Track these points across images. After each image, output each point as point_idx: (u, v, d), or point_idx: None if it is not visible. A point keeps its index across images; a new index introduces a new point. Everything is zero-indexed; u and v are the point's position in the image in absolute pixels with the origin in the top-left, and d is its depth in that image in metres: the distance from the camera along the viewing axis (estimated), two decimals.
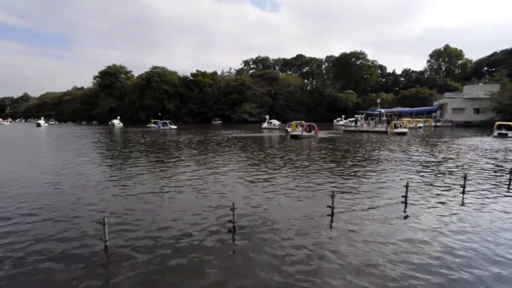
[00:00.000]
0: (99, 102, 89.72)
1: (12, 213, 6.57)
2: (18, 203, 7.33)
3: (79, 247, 4.94)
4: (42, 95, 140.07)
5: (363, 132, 35.41)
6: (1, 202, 7.44)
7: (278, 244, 5.07)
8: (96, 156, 16.57)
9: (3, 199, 7.65)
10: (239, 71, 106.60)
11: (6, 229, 5.69)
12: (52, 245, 5.00)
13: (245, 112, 73.14)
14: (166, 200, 7.68)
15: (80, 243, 5.10)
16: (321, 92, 79.51)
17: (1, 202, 7.44)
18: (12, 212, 6.64)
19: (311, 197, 7.81)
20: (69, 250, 4.85)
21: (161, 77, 79.93)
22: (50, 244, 5.06)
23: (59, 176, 10.64)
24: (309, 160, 14.07)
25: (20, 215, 6.47)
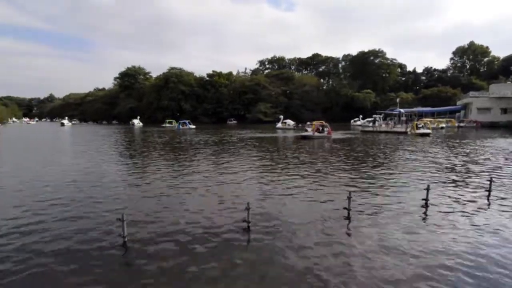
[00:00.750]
0: (119, 102, 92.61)
1: (36, 208, 6.86)
2: (41, 198, 7.66)
3: (99, 242, 5.09)
4: (66, 96, 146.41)
5: (381, 132, 34.44)
6: (29, 197, 7.81)
7: (292, 245, 5.00)
8: (117, 154, 17.10)
9: (31, 195, 8.03)
10: (255, 71, 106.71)
11: (30, 226, 5.95)
12: (72, 240, 5.17)
13: (260, 112, 73.14)
14: (182, 198, 7.77)
15: (100, 238, 5.25)
16: (338, 92, 78.16)
17: (29, 197, 7.81)
18: (36, 207, 6.93)
19: (327, 199, 7.64)
20: (88, 245, 4.99)
21: (178, 78, 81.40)
22: (71, 238, 5.23)
23: (81, 172, 11.04)
24: (325, 161, 13.83)
25: (43, 209, 6.75)
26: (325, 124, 28.76)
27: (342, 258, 4.59)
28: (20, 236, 5.34)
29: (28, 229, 5.67)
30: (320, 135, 27.11)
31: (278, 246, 4.98)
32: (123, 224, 4.91)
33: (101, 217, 6.30)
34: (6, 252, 4.73)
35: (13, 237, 5.30)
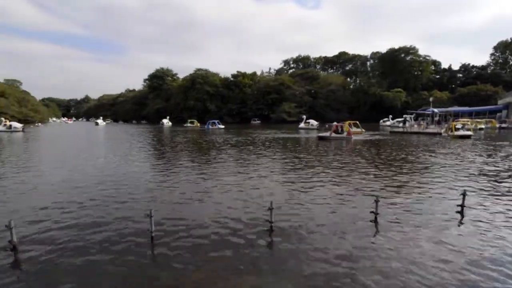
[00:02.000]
0: (148, 103, 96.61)
1: (68, 203, 7.22)
2: (75, 194, 8.08)
3: (128, 236, 5.27)
4: (100, 97, 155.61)
5: (412, 133, 32.54)
6: (64, 193, 8.28)
7: (315, 247, 4.83)
8: (148, 152, 17.75)
9: (66, 190, 8.50)
10: (279, 71, 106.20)
11: (64, 221, 6.26)
12: (103, 233, 5.37)
13: (284, 112, 72.59)
14: (206, 197, 7.84)
15: (128, 233, 5.44)
16: (366, 91, 75.31)
17: (64, 193, 8.28)
18: (69, 203, 7.29)
19: (353, 202, 7.29)
20: (118, 239, 5.17)
21: (204, 79, 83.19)
22: (103, 231, 5.43)
23: (113, 169, 11.58)
24: (351, 163, 13.28)
25: (75, 204, 7.08)
26: (349, 124, 27.42)
27: (367, 262, 4.32)
28: (57, 225, 5.65)
29: (64, 220, 5.98)
30: (338, 136, 25.69)
31: (301, 248, 4.84)
32: (151, 220, 5.06)
33: (130, 213, 6.51)
34: (46, 240, 5.00)
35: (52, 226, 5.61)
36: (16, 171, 11.54)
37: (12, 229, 4.74)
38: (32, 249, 4.83)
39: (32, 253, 4.70)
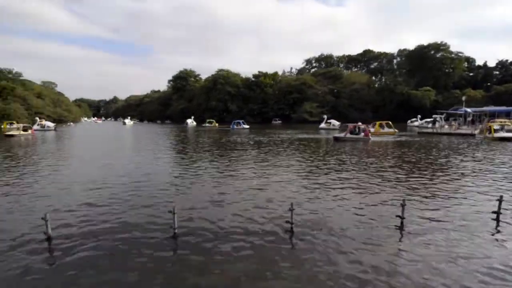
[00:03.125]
0: (172, 103, 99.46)
1: (97, 199, 7.60)
2: (104, 190, 8.49)
3: (152, 232, 5.46)
4: (127, 98, 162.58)
5: (442, 134, 30.81)
6: (93, 189, 8.72)
7: (337, 250, 4.72)
8: (172, 151, 18.28)
9: (95, 187, 8.96)
10: (301, 70, 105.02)
11: (93, 215, 6.61)
12: (128, 229, 5.59)
13: (305, 112, 71.55)
14: (228, 196, 7.91)
15: (152, 228, 5.63)
16: (392, 89, 72.44)
17: (93, 189, 8.73)
18: (98, 198, 7.68)
19: (377, 206, 7.03)
20: (142, 234, 5.36)
21: (225, 79, 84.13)
22: (127, 226, 5.67)
23: (140, 166, 12.07)
24: (374, 165, 12.83)
25: (104, 199, 7.45)
26: (362, 126, 25.84)
27: (390, 268, 4.15)
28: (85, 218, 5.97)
29: (93, 214, 6.33)
30: (354, 137, 24.45)
31: (321, 250, 4.75)
32: (174, 217, 5.21)
33: (155, 209, 6.74)
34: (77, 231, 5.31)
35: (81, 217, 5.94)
36: (50, 167, 12.34)
37: (48, 221, 5.08)
38: (64, 240, 5.13)
39: (64, 244, 5.00)
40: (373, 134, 30.80)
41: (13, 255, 4.63)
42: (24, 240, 5.13)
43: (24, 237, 5.27)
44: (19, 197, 7.87)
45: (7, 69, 75.65)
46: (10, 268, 4.25)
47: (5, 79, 68.81)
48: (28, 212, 6.64)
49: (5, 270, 4.22)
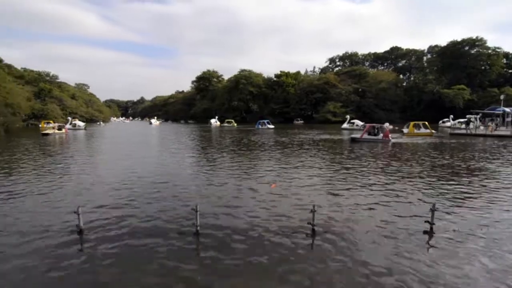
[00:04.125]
0: (195, 103, 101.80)
1: (125, 195, 7.86)
2: (131, 187, 8.77)
3: (174, 229, 5.53)
4: (153, 98, 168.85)
5: (477, 136, 28.76)
6: (121, 186, 9.04)
7: (359, 255, 4.49)
8: (196, 150, 18.64)
9: (123, 184, 9.29)
10: (324, 69, 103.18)
11: (121, 210, 6.83)
12: (154, 225, 5.73)
13: (328, 112, 69.98)
14: (249, 196, 7.87)
15: (174, 226, 5.72)
16: (421, 88, 69.09)
17: (121, 186, 9.05)
18: (125, 195, 7.93)
19: (403, 210, 6.64)
20: (165, 231, 5.44)
21: (247, 80, 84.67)
22: (151, 222, 5.80)
23: (164, 165, 12.38)
24: (400, 167, 12.21)
25: (131, 196, 7.67)
26: (381, 126, 24.44)
27: (416, 277, 3.86)
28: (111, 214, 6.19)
29: (121, 208, 6.53)
30: (372, 138, 23.03)
31: (343, 253, 4.56)
32: (196, 215, 5.28)
33: (177, 207, 6.84)
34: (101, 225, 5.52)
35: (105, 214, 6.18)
36: (81, 164, 13.01)
37: (80, 215, 5.31)
38: (95, 233, 5.32)
39: (95, 237, 5.19)
40: (407, 135, 29.37)
41: (47, 246, 4.86)
42: (57, 232, 5.38)
43: (57, 229, 5.53)
44: (52, 191, 8.31)
45: (45, 72, 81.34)
46: (44, 258, 4.46)
47: (43, 81, 74.04)
48: (60, 205, 6.98)
49: (40, 260, 4.42)
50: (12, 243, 4.97)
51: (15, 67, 70.12)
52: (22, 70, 73.92)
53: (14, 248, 4.81)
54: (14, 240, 5.09)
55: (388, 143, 21.69)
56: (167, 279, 3.96)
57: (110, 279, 3.95)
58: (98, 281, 3.94)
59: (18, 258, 4.46)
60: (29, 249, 4.77)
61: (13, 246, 4.86)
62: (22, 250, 4.73)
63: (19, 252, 4.65)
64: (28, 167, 12.02)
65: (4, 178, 9.97)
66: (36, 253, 4.65)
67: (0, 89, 44.87)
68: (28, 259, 4.44)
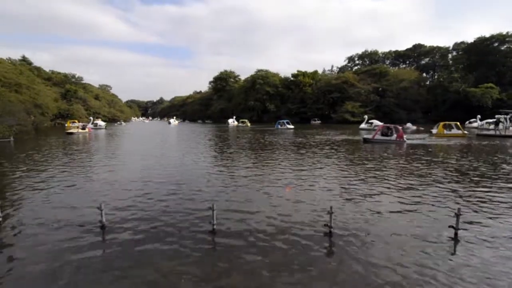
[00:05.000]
0: (212, 103, 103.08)
1: (144, 192, 8.07)
2: (151, 184, 9.00)
3: (191, 226, 5.64)
4: (172, 99, 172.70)
5: (506, 137, 27.08)
6: (140, 183, 9.30)
7: (378, 259, 4.35)
8: (214, 150, 18.87)
9: (143, 181, 9.57)
10: (342, 68, 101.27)
11: (141, 206, 7.03)
12: (173, 221, 5.86)
13: (346, 112, 68.50)
14: (266, 196, 7.85)
15: (192, 223, 5.82)
16: (446, 87, 65.99)
17: (140, 183, 9.31)
18: (145, 192, 8.14)
19: (426, 214, 6.37)
20: (182, 228, 5.55)
21: (264, 79, 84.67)
22: (170, 220, 5.93)
23: (183, 164, 12.63)
24: (421, 169, 11.73)
25: (150, 193, 7.88)
26: (395, 127, 23.16)
27: (438, 286, 3.67)
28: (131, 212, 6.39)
29: (140, 205, 6.74)
30: (385, 139, 22.10)
31: (361, 258, 4.43)
32: (213, 213, 5.36)
33: (193, 204, 6.96)
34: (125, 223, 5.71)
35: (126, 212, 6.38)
36: (102, 161, 13.52)
37: (102, 211, 5.51)
38: (116, 228, 5.53)
39: (117, 232, 5.39)
40: (436, 136, 28.09)
41: (72, 240, 5.09)
42: (81, 227, 5.62)
43: (80, 224, 5.78)
44: (77, 188, 8.70)
45: (71, 74, 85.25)
46: (69, 251, 4.67)
47: (69, 83, 77.65)
48: (83, 201, 7.28)
49: (65, 252, 4.64)
50: (41, 235, 5.26)
51: (43, 70, 74.10)
52: (50, 72, 77.91)
53: (42, 240, 5.08)
54: (42, 232, 5.38)
55: (403, 145, 20.77)
56: (182, 273, 4.02)
57: (128, 270, 4.09)
58: (117, 270, 4.12)
59: (45, 249, 4.72)
60: (57, 240, 5.03)
61: (41, 238, 5.14)
62: (50, 241, 4.99)
63: (47, 243, 4.91)
64: (54, 164, 12.64)
65: (35, 175, 10.54)
66: (63, 244, 4.89)
67: (30, 91, 47.59)
68: (55, 248, 4.70)
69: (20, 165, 12.30)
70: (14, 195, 7.87)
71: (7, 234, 5.39)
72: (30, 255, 4.61)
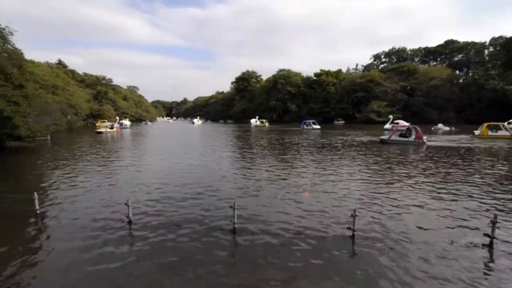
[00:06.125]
0: (234, 104, 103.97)
1: (168, 190, 8.25)
2: (175, 182, 9.17)
3: (212, 224, 5.69)
4: (195, 99, 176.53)
5: None
6: (165, 181, 9.49)
7: (404, 267, 4.12)
8: (235, 150, 18.97)
9: (167, 179, 9.74)
10: (367, 66, 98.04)
11: (164, 203, 7.19)
12: (194, 218, 5.92)
13: (372, 112, 65.98)
14: (287, 196, 7.72)
15: (214, 221, 5.87)
16: (481, 85, 61.59)
17: (165, 182, 9.50)
18: (169, 189, 8.33)
19: (457, 220, 5.96)
20: (203, 226, 5.60)
21: (286, 79, 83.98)
22: (193, 217, 6.00)
23: (206, 163, 12.82)
24: (453, 175, 10.95)
25: (174, 190, 8.05)
26: (414, 127, 21.92)
27: None
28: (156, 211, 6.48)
29: (164, 201, 6.91)
30: (403, 140, 21.03)
31: (385, 265, 4.22)
32: (234, 212, 5.37)
33: (218, 203, 7.01)
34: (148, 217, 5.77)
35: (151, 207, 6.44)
36: (129, 159, 13.97)
37: (129, 206, 5.62)
38: (142, 224, 5.68)
39: (143, 226, 5.55)
40: (478, 138, 26.22)
41: (101, 234, 5.31)
42: (109, 222, 5.86)
43: (108, 219, 6.02)
44: (105, 184, 9.02)
45: (101, 76, 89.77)
46: (98, 245, 4.88)
47: (100, 84, 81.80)
48: (111, 197, 7.53)
49: (93, 245, 4.84)
50: (73, 226, 5.52)
51: (77, 72, 78.67)
52: (83, 74, 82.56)
53: (74, 232, 5.34)
54: (75, 223, 5.60)
55: (422, 146, 19.61)
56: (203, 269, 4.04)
57: (152, 263, 4.20)
58: (141, 261, 4.29)
59: (78, 240, 4.96)
60: (88, 232, 5.28)
61: (74, 228, 5.41)
62: (82, 234, 5.24)
63: (79, 235, 5.16)
64: (85, 162, 13.29)
65: (68, 171, 11.08)
66: (93, 236, 5.13)
67: (65, 92, 50.68)
68: (84, 241, 4.93)
69: (56, 162, 13.03)
70: (50, 190, 8.32)
71: (46, 223, 5.78)
72: (66, 236, 4.94)
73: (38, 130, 17.62)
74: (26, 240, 5.08)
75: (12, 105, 14.94)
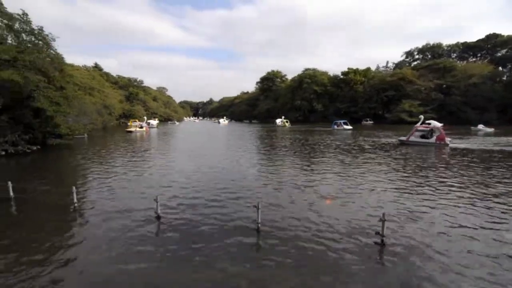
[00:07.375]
0: (258, 104, 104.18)
1: (195, 188, 8.45)
2: (202, 180, 9.35)
3: (236, 223, 5.78)
4: (221, 99, 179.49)
5: None
6: (192, 179, 9.72)
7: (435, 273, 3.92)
8: (260, 150, 19.00)
9: (194, 177, 9.94)
10: (399, 64, 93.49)
11: (191, 200, 7.36)
12: (218, 217, 6.04)
13: (403, 111, 62.58)
14: (311, 199, 7.60)
15: (238, 221, 5.92)
16: None
17: (191, 179, 9.73)
18: (196, 187, 8.53)
19: (492, 228, 5.51)
20: (228, 224, 5.68)
21: (312, 78, 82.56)
22: (217, 215, 6.13)
23: (232, 163, 12.99)
24: (491, 177, 10.06)
25: (201, 188, 8.22)
26: (436, 127, 20.32)
27: None
28: (182, 210, 6.60)
29: (191, 199, 7.11)
30: (423, 142, 19.68)
31: (420, 275, 3.96)
32: (258, 212, 5.39)
33: (241, 203, 7.09)
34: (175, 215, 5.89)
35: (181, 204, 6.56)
36: (157, 158, 14.49)
37: (158, 203, 5.81)
38: (170, 219, 5.89)
39: (170, 222, 5.75)
40: None
41: (130, 226, 5.56)
42: (139, 217, 6.11)
43: (138, 211, 6.32)
44: (136, 180, 9.42)
45: (133, 78, 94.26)
46: (128, 237, 5.11)
47: (132, 86, 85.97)
48: (142, 193, 7.86)
49: (125, 237, 5.09)
50: (107, 219, 5.79)
51: (111, 75, 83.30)
52: (117, 76, 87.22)
53: (107, 227, 5.65)
54: (108, 217, 5.89)
55: (444, 148, 18.34)
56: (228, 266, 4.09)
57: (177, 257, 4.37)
58: (169, 255, 4.49)
59: (110, 234, 5.24)
60: (118, 226, 5.56)
61: (108, 221, 5.72)
62: (114, 228, 5.53)
63: (111, 230, 5.46)
64: (118, 158, 13.99)
65: (103, 167, 11.74)
66: (124, 230, 5.39)
67: (100, 93, 53.85)
68: (117, 233, 5.23)
69: (92, 158, 13.87)
70: (86, 184, 8.87)
71: (83, 214, 6.18)
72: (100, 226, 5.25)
73: (76, 129, 18.95)
74: (63, 230, 5.47)
75: (54, 105, 16.15)
